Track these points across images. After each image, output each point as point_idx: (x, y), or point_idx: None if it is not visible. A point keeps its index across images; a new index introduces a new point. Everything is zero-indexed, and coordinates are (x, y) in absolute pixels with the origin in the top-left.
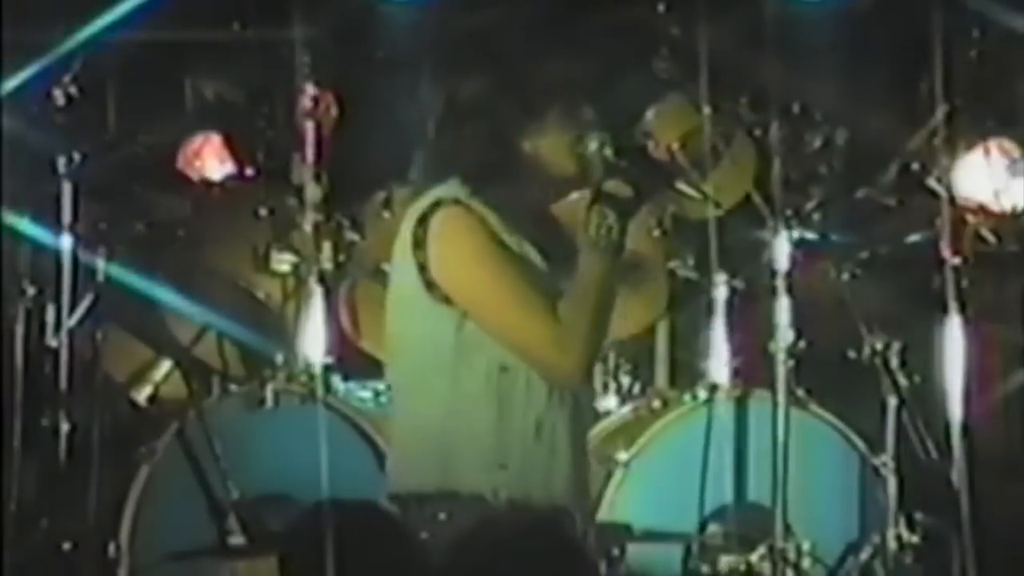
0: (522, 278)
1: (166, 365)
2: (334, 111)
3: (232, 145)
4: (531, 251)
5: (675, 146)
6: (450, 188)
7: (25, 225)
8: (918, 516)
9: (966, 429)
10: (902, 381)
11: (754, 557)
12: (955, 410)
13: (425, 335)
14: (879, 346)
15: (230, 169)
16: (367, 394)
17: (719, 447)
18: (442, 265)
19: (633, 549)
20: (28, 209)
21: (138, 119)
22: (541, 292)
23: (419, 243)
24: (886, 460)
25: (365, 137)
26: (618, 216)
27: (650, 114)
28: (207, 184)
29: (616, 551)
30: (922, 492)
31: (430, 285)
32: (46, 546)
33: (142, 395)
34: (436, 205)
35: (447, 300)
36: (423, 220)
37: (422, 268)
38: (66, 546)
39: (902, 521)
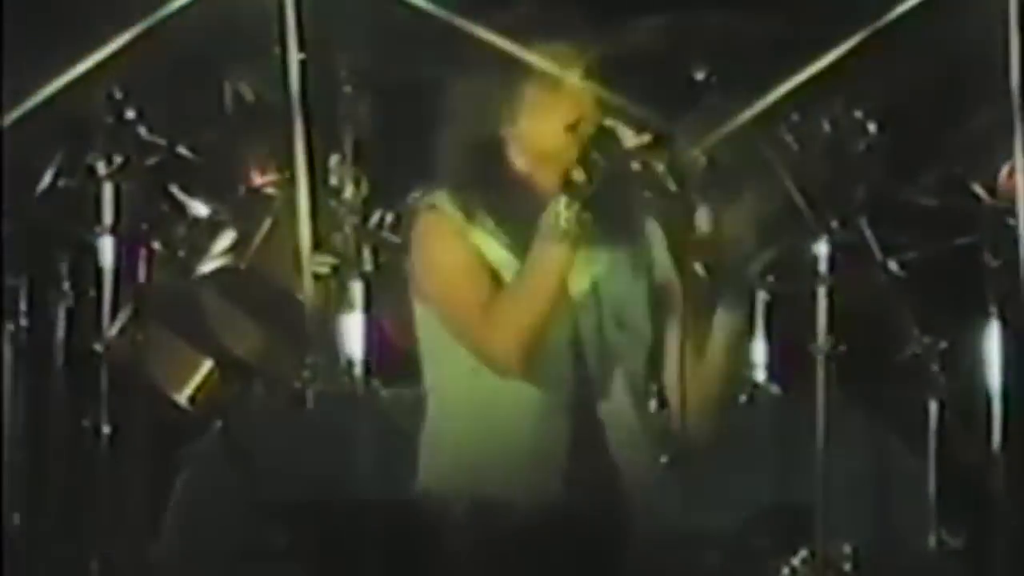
0: (476, 275)
1: (207, 365)
2: (373, 113)
3: (272, 148)
4: (504, 253)
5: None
6: (434, 194)
7: (66, 227)
8: (959, 519)
9: (1007, 432)
10: (945, 383)
11: (796, 561)
12: (996, 413)
13: (421, 338)
14: (922, 348)
15: (270, 172)
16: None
17: (761, 449)
18: (415, 268)
19: (672, 550)
20: (70, 211)
21: (179, 121)
22: (488, 285)
23: (406, 249)
24: (928, 463)
25: (405, 139)
26: (582, 207)
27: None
28: (248, 187)
29: (657, 552)
30: (964, 495)
31: (415, 288)
32: (87, 547)
33: (183, 395)
34: (415, 212)
35: (427, 302)
36: (409, 227)
37: (409, 272)
38: (106, 548)
39: (942, 525)
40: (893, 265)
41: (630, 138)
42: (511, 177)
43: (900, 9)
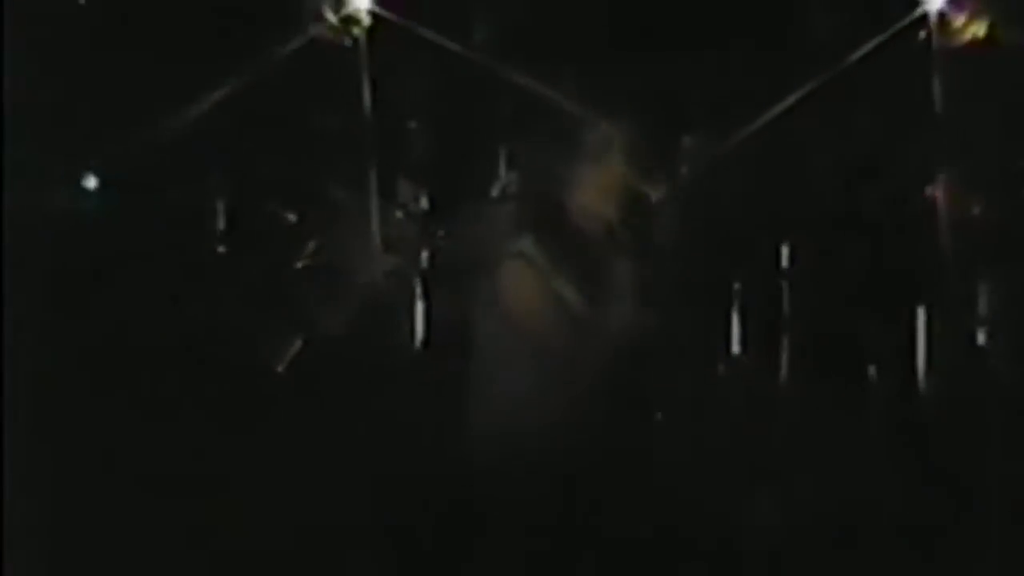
0: (557, 312)
1: (299, 342)
2: (432, 143)
3: (351, 169)
4: (573, 291)
5: None
6: (520, 240)
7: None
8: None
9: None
10: (881, 354)
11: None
12: (921, 375)
13: (485, 332)
14: (861, 327)
15: (350, 189)
16: None
17: (736, 406)
18: (506, 302)
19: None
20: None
21: (279, 151)
22: (566, 319)
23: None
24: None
25: (460, 161)
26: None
27: None
28: (333, 200)
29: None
30: (894, 437)
31: (501, 309)
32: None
33: (280, 366)
34: (504, 257)
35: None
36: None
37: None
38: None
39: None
40: (845, 263)
41: (655, 192)
42: (575, 230)
43: (854, 56)
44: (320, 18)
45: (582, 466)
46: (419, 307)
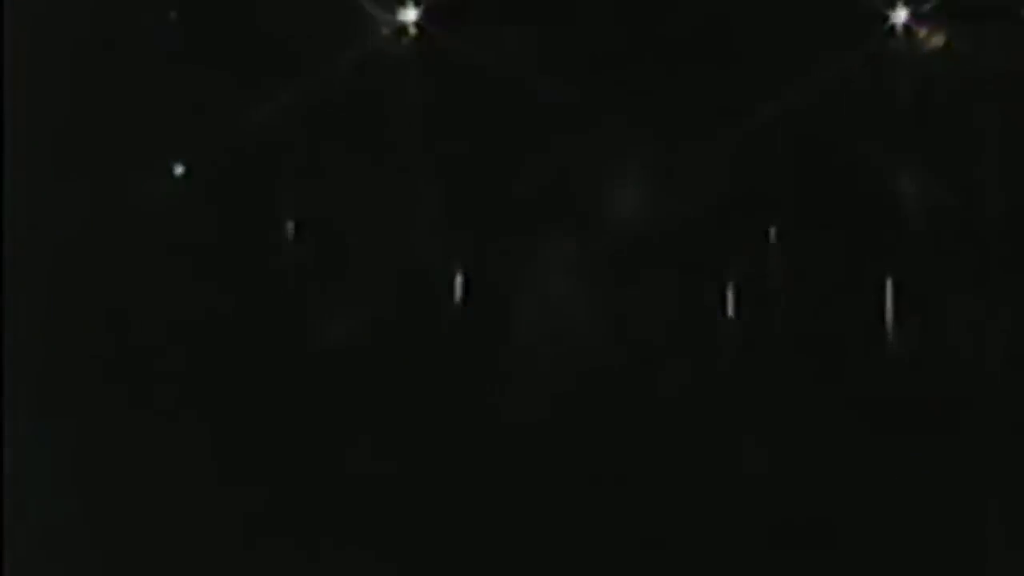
0: None
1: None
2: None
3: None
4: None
5: None
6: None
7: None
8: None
9: (897, 343)
10: (855, 323)
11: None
12: (890, 337)
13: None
14: (837, 303)
15: None
16: None
17: (732, 359)
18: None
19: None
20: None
21: (338, 149)
22: None
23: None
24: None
25: (497, 159)
26: None
27: None
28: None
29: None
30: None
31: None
32: None
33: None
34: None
35: None
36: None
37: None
38: None
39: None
40: (825, 243)
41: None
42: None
43: (833, 64)
44: (373, 32)
45: (602, 418)
46: (458, 286)
